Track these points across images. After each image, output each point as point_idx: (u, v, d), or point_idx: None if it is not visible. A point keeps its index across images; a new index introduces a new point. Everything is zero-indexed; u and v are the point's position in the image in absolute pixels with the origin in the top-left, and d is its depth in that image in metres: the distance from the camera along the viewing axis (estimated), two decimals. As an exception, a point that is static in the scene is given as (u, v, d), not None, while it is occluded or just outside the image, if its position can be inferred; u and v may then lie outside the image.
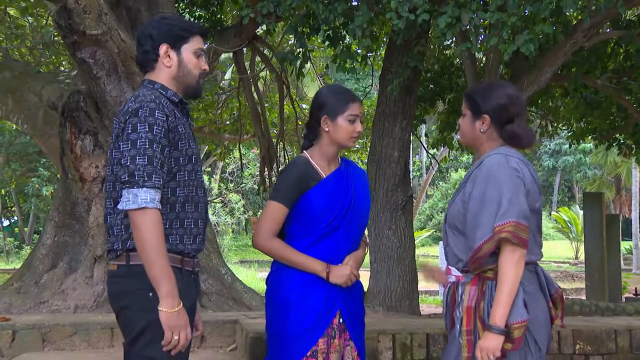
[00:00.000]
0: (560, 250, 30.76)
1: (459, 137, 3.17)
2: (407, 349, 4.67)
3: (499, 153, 2.85)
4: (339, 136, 3.16)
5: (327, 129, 3.17)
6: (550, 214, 38.16)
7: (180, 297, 2.57)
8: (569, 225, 26.26)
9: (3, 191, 27.81)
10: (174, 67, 2.75)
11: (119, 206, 2.53)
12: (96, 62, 6.05)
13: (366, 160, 8.13)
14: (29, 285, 6.70)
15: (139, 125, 2.54)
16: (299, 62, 6.87)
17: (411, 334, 4.69)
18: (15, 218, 31.63)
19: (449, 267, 2.97)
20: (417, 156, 38.17)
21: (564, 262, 26.38)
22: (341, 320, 3.12)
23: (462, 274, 2.89)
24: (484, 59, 7.99)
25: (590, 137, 9.92)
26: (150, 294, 2.53)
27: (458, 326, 2.82)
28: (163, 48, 2.73)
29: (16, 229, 31.87)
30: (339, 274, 3.09)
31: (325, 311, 3.07)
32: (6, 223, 32.73)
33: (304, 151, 3.28)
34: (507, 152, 2.86)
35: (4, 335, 4.96)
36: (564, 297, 3.08)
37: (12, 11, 10.40)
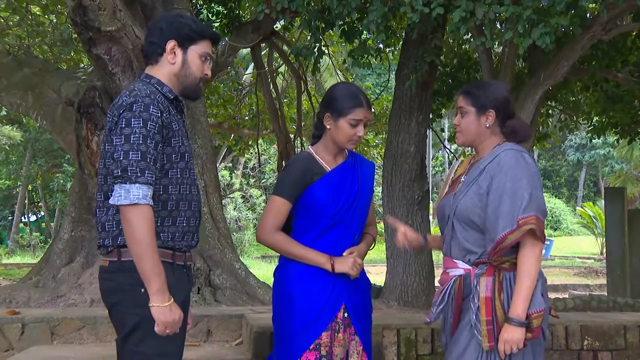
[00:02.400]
0: (585, 246, 30.48)
1: (457, 137, 3.16)
2: (411, 344, 4.67)
3: (512, 149, 2.92)
4: (338, 137, 3.19)
5: (328, 127, 3.20)
6: (575, 209, 37.81)
7: (172, 292, 2.57)
8: (594, 220, 25.99)
9: (30, 187, 28.18)
10: (177, 65, 2.75)
11: (110, 201, 2.53)
12: (111, 58, 6.11)
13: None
14: (47, 279, 6.82)
15: (133, 120, 2.53)
16: (314, 57, 6.86)
17: (416, 329, 4.69)
18: (42, 213, 32.02)
19: (454, 260, 3.00)
20: (440, 151, 38.04)
21: (588, 258, 26.14)
22: (346, 314, 3.14)
23: (472, 266, 2.92)
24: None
25: (612, 131, 9.79)
26: (142, 290, 2.54)
27: (474, 317, 2.84)
28: (170, 44, 2.73)
29: (43, 224, 32.28)
30: (344, 263, 3.12)
31: (329, 305, 3.11)
32: (33, 218, 33.18)
33: (310, 147, 3.32)
34: (518, 148, 2.94)
35: (13, 328, 5.06)
36: (587, 293, 3.14)
37: (35, 9, 10.53)
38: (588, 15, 6.32)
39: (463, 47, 9.34)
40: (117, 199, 2.49)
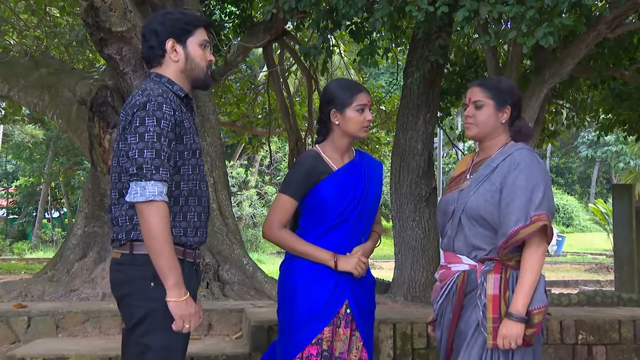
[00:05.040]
0: (597, 242, 30.24)
1: (469, 128, 3.15)
2: (407, 338, 4.70)
3: (525, 148, 2.98)
4: (350, 128, 3.23)
5: (337, 122, 3.24)
6: (587, 206, 37.46)
7: None
8: (606, 217, 25.77)
9: (53, 184, 28.46)
10: (181, 61, 2.79)
11: (127, 198, 2.56)
12: (122, 58, 6.25)
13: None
14: (61, 273, 6.98)
15: (146, 118, 2.57)
16: (322, 57, 6.93)
17: (411, 323, 4.73)
18: (65, 210, 32.26)
19: (458, 255, 3.02)
20: (453, 149, 37.83)
21: (600, 254, 25.98)
22: (348, 310, 3.18)
23: (478, 262, 2.95)
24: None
25: (620, 129, 9.77)
26: (152, 284, 2.60)
27: (481, 314, 2.87)
28: (169, 43, 2.77)
29: (65, 220, 32.52)
30: (347, 261, 3.16)
31: (332, 300, 3.15)
32: (56, 214, 33.45)
33: (316, 145, 3.35)
34: (530, 148, 3.00)
35: (20, 321, 5.20)
36: (598, 288, 3.18)
37: (54, 11, 10.71)
38: (597, 13, 6.32)
39: (471, 46, 9.39)
40: (133, 196, 2.53)
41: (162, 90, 2.68)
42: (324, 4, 6.38)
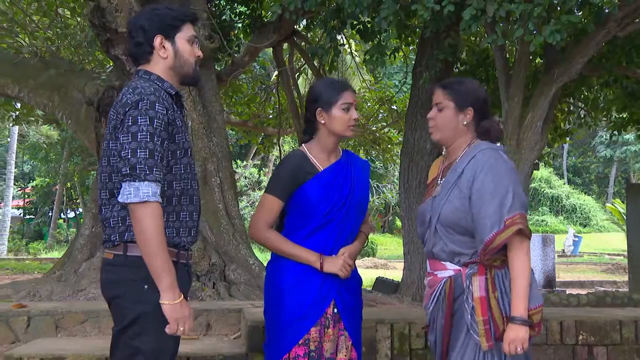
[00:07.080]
0: (614, 243, 29.98)
1: (432, 132, 3.07)
2: (405, 339, 4.65)
3: (488, 148, 2.92)
4: (336, 127, 3.19)
5: (323, 121, 3.20)
6: (604, 206, 37.18)
7: None
8: (624, 217, 25.52)
9: (69, 184, 28.64)
10: (170, 58, 2.71)
11: (119, 199, 2.50)
12: (129, 58, 6.24)
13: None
14: (69, 273, 7.00)
15: (139, 118, 2.49)
16: (330, 56, 6.91)
17: (409, 323, 4.67)
18: (80, 210, 32.46)
19: (441, 262, 2.98)
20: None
21: (617, 255, 25.67)
22: (335, 310, 3.15)
23: (462, 267, 2.91)
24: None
25: (633, 127, 9.66)
26: (145, 287, 2.54)
27: (469, 317, 2.84)
28: (157, 39, 2.69)
29: (81, 220, 32.69)
30: (333, 263, 3.13)
31: (318, 301, 3.12)
32: (72, 215, 33.67)
33: (303, 145, 3.31)
34: (493, 146, 2.94)
35: (19, 321, 5.19)
36: (614, 289, 3.13)
37: (67, 12, 10.77)
38: (606, 10, 6.25)
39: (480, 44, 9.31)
40: (126, 197, 2.46)
41: (153, 88, 2.61)
42: (332, 4, 6.35)
